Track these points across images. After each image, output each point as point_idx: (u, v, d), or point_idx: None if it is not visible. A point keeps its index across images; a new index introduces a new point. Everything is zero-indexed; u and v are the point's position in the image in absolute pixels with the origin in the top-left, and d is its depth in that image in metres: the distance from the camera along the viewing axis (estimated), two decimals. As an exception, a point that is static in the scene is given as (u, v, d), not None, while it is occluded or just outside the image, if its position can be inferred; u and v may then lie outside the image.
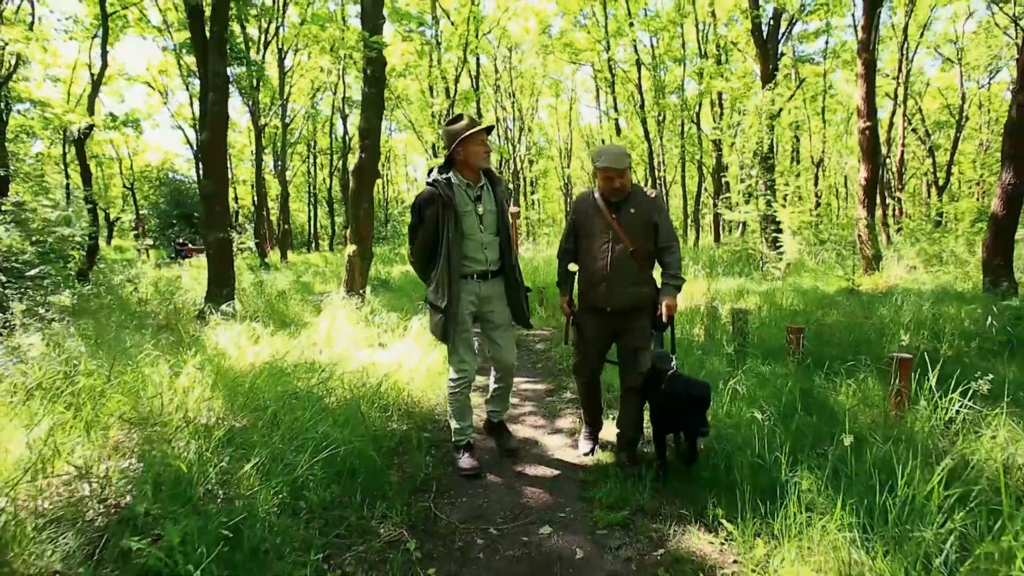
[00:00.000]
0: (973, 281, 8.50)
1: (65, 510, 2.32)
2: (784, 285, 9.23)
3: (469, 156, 3.13)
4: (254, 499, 2.40)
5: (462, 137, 3.07)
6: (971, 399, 2.83)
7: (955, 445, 2.62)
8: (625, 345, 3.16)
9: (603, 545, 2.45)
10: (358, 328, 5.66)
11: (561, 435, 3.82)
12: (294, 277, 13.01)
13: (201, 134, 8.05)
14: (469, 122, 3.15)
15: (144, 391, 3.39)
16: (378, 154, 6.68)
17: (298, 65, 22.62)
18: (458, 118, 3.22)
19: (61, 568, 2.06)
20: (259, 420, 3.19)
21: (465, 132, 3.08)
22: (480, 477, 3.14)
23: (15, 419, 2.93)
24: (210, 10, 7.89)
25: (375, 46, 6.03)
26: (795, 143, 31.17)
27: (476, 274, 3.20)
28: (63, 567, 2.06)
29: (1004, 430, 2.64)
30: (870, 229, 9.64)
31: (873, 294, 7.97)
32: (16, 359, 3.35)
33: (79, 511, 2.36)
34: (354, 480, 2.82)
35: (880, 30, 11.04)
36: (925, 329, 5.10)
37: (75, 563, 2.08)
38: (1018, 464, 2.37)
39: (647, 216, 3.07)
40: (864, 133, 9.52)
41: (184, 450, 2.74)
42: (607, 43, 20.74)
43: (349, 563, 2.26)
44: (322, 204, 36.05)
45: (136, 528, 2.20)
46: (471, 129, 3.09)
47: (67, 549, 2.12)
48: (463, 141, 3.08)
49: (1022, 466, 2.36)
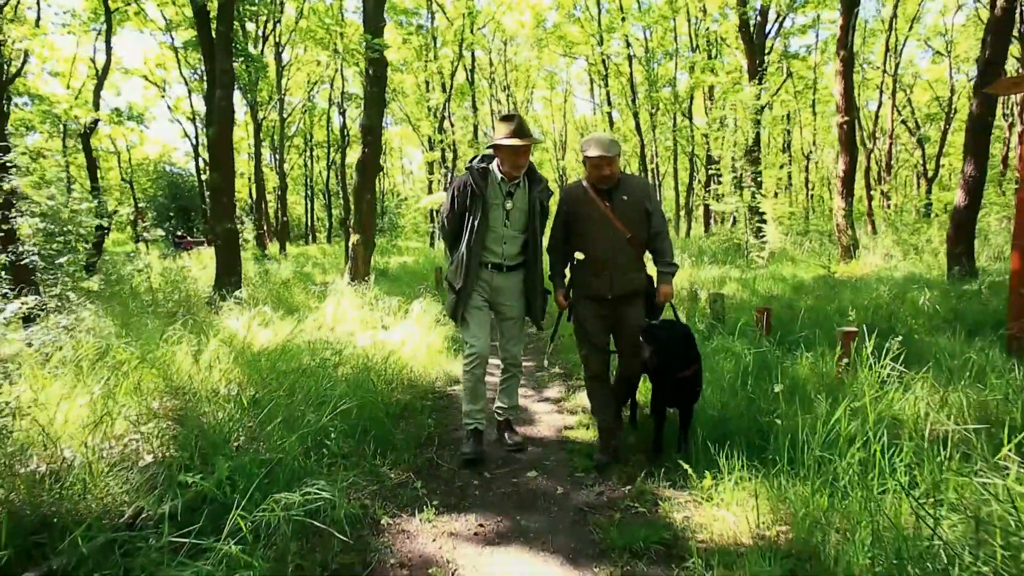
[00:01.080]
0: (943, 268, 8.98)
1: (124, 457, 2.74)
2: (765, 273, 9.69)
3: (502, 160, 3.19)
4: (283, 446, 2.82)
5: (499, 143, 3.12)
6: (903, 364, 3.28)
7: (882, 399, 3.08)
8: (625, 335, 3.17)
9: (580, 484, 2.91)
10: (363, 311, 6.08)
11: (548, 403, 4.27)
12: (296, 267, 13.39)
13: (208, 129, 8.44)
14: (514, 129, 3.12)
15: (173, 366, 3.80)
16: (380, 150, 7.10)
17: (295, 59, 22.87)
18: (508, 118, 3.21)
19: (128, 498, 2.49)
20: (279, 388, 3.62)
21: (503, 140, 3.10)
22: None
23: (77, 386, 3.35)
24: (216, 10, 8.25)
25: (377, 48, 6.44)
26: (786, 135, 31.67)
27: (491, 264, 3.26)
28: (129, 498, 2.49)
29: (925, 386, 3.11)
30: (847, 219, 10.10)
31: (848, 281, 8.42)
32: (70, 335, 3.76)
33: (135, 458, 2.78)
34: (366, 436, 3.26)
35: (856, 28, 11.45)
36: (883, 310, 5.56)
37: (139, 495, 2.50)
38: (924, 412, 2.82)
39: (640, 203, 3.13)
40: (842, 127, 9.96)
41: (216, 412, 3.17)
42: (600, 37, 21.10)
43: (367, 496, 2.70)
44: (319, 197, 36.35)
45: (186, 469, 2.62)
46: (509, 140, 3.09)
47: (132, 484, 2.54)
48: (501, 146, 3.13)
49: (927, 413, 2.81)
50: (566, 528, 2.50)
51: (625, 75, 20.80)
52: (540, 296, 3.38)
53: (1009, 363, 3.64)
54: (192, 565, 1.88)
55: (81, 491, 2.38)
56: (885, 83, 24.87)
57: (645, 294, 3.20)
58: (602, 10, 21.70)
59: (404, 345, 4.97)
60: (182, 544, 1.97)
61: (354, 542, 2.28)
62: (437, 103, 20.02)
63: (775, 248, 11.09)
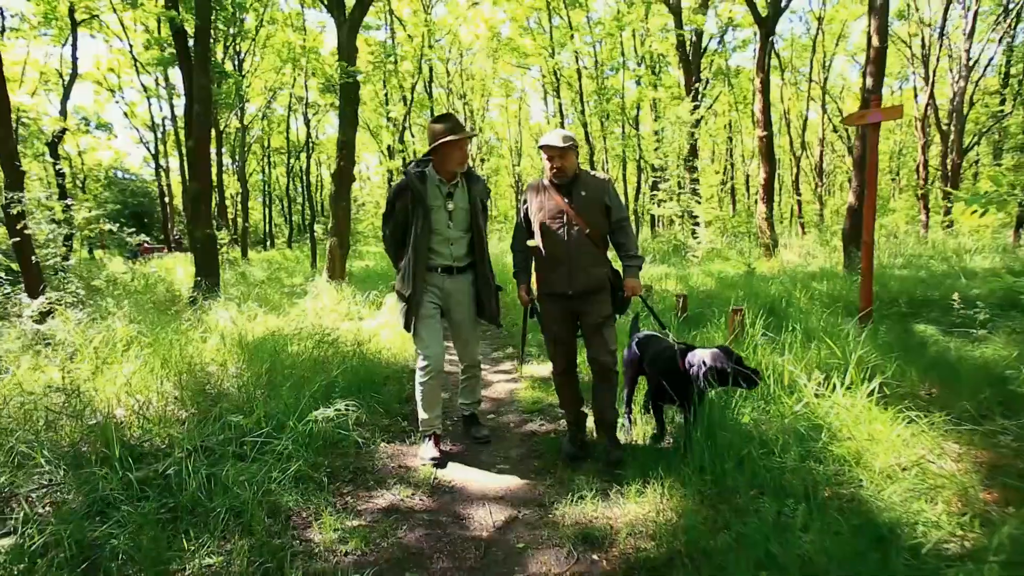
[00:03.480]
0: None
1: (162, 412, 3.51)
2: (699, 270, 10.91)
3: (445, 159, 3.21)
4: (298, 399, 3.66)
5: (440, 141, 3.15)
6: (780, 333, 4.35)
7: (752, 357, 4.13)
8: (589, 324, 3.15)
9: (526, 419, 3.87)
10: (341, 305, 6.90)
11: (503, 373, 5.22)
12: (268, 270, 13.97)
13: (187, 141, 9.03)
14: (450, 127, 3.17)
15: (189, 349, 4.56)
16: (354, 161, 7.93)
17: (254, 67, 23.21)
18: (442, 118, 3.26)
19: (176, 435, 3.26)
20: (281, 364, 4.43)
21: (443, 137, 3.13)
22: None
23: (114, 364, 4.09)
24: (194, 31, 8.89)
25: (351, 74, 7.28)
26: (729, 143, 33.66)
27: (441, 268, 3.28)
28: (179, 436, 3.28)
29: (794, 346, 4.19)
30: (768, 221, 11.43)
31: (765, 275, 9.69)
32: (96, 325, 4.48)
33: (171, 416, 3.54)
34: (361, 392, 4.12)
35: (772, 52, 12.80)
36: (782, 297, 6.73)
37: (195, 433, 3.30)
38: (787, 367, 3.86)
39: (599, 197, 3.11)
40: (762, 140, 11.30)
41: (235, 380, 3.98)
42: (552, 50, 22.28)
43: (367, 429, 3.58)
44: (276, 202, 36.41)
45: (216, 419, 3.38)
46: (449, 136, 3.13)
47: (188, 426, 3.33)
48: (441, 144, 3.15)
49: (794, 369, 3.86)
50: (515, 446, 3.46)
51: (575, 88, 22.02)
52: (493, 295, 3.43)
53: (859, 330, 4.79)
54: (259, 459, 2.74)
55: (154, 430, 3.18)
56: (813, 94, 27.00)
57: (611, 288, 3.18)
58: (553, 23, 22.92)
59: (381, 330, 5.83)
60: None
61: (365, 452, 3.18)
62: (397, 115, 20.77)
63: (708, 248, 12.36)
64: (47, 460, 2.61)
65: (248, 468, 2.71)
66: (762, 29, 11.16)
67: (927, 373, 3.66)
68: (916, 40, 22.44)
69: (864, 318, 5.19)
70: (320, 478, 2.84)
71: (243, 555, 2.17)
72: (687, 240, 13.19)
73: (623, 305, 3.24)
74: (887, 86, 32.82)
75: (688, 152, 13.60)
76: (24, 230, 5.34)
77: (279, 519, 2.47)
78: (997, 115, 20.75)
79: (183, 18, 8.78)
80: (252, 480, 2.58)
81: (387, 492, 2.86)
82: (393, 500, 2.78)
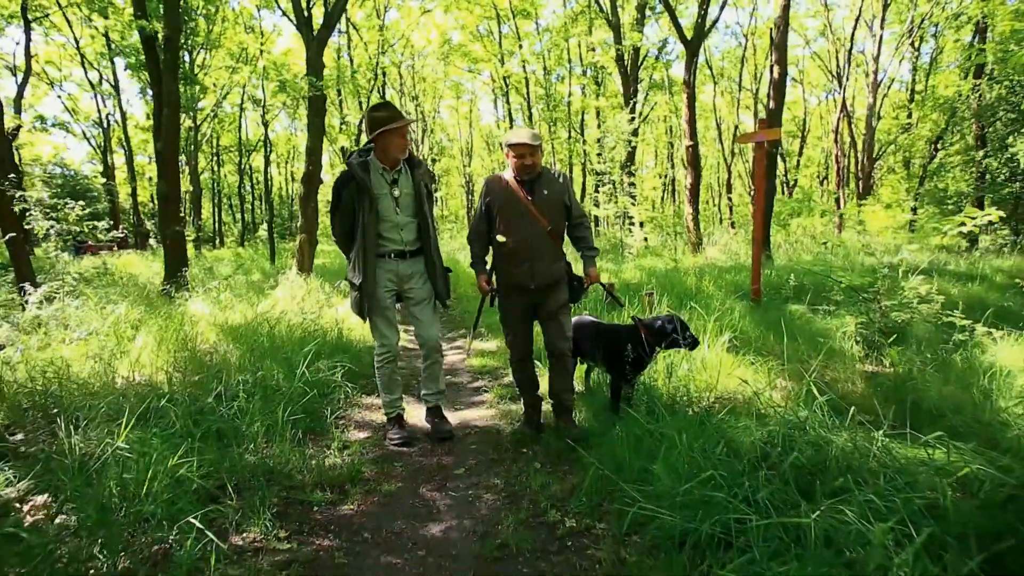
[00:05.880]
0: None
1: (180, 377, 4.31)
2: (632, 265, 12.15)
3: (387, 147, 3.25)
4: (293, 364, 4.51)
5: (381, 129, 3.20)
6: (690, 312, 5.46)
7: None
8: (547, 312, 3.31)
9: (476, 378, 4.85)
10: (312, 295, 7.68)
11: (456, 349, 6.17)
12: (232, 266, 14.42)
13: (157, 144, 9.56)
14: (389, 114, 3.24)
15: (179, 332, 5.29)
16: (320, 166, 8.71)
17: (204, 64, 23.25)
18: (381, 106, 3.32)
19: (196, 391, 4.07)
20: (272, 340, 5.25)
21: (383, 125, 3.19)
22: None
23: (121, 343, 4.81)
24: (163, 40, 9.43)
25: (318, 87, 8.05)
26: (670, 148, 35.51)
27: (393, 253, 3.35)
28: (199, 391, 4.08)
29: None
30: (695, 221, 12.78)
31: (688, 269, 10.98)
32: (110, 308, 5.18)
33: (187, 380, 4.34)
34: (342, 358, 4.99)
35: (697, 69, 14.14)
36: (696, 285, 7.95)
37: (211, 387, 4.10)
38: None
39: (560, 196, 3.25)
40: (688, 149, 12.63)
41: (228, 356, 4.78)
42: (501, 57, 23.32)
43: (356, 392, 4.46)
44: (224, 201, 36.08)
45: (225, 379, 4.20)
46: (390, 124, 3.19)
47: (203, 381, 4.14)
48: (382, 132, 3.20)
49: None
50: (468, 401, 4.43)
51: (523, 94, 23.12)
52: (441, 276, 3.51)
53: (752, 310, 5.99)
54: (273, 399, 3.61)
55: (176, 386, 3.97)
56: (748, 103, 29.12)
57: (568, 279, 3.39)
58: (503, 30, 23.99)
59: (350, 315, 6.67)
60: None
61: (351, 400, 4.09)
62: (353, 119, 21.37)
63: (643, 246, 13.65)
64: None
65: (267, 406, 3.57)
66: (688, 49, 12.49)
67: (779, 335, 4.83)
68: (834, 59, 24.72)
69: (754, 300, 6.42)
70: (322, 411, 3.74)
71: (277, 456, 3.06)
72: (625, 238, 14.46)
73: (577, 293, 3.43)
74: (815, 96, 35.59)
75: (626, 158, 14.85)
76: (25, 226, 5.92)
77: (298, 435, 3.35)
78: (905, 127, 23.04)
79: (153, 28, 9.29)
80: (273, 412, 3.43)
81: (370, 426, 3.77)
82: (376, 425, 3.71)
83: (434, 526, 2.54)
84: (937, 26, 21.10)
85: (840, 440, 2.38)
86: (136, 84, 21.52)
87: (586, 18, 19.59)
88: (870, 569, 1.57)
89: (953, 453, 2.12)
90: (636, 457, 2.61)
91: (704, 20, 12.47)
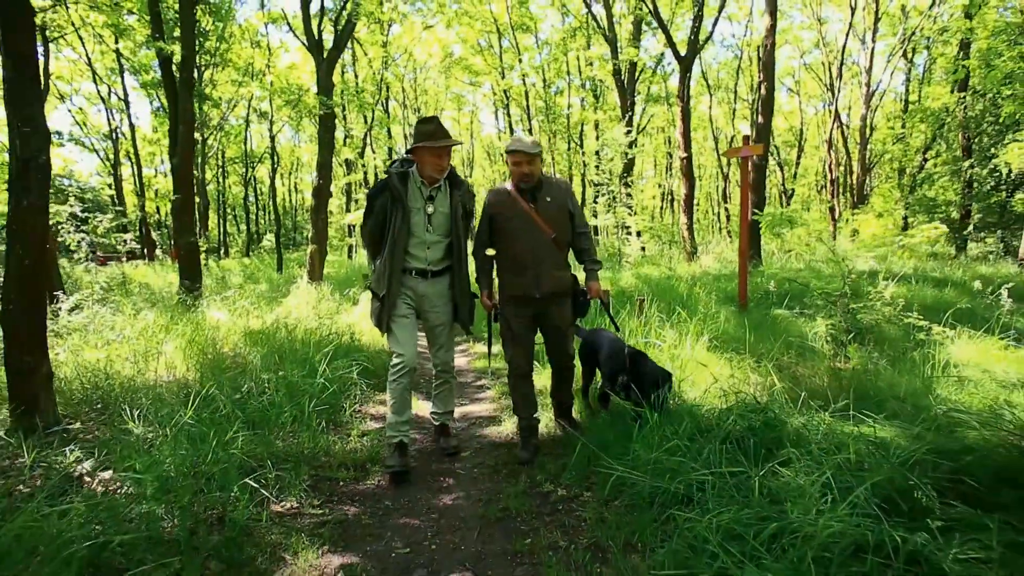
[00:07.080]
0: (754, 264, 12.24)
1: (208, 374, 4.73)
2: (629, 273, 12.57)
3: (423, 163, 3.16)
4: (312, 363, 4.92)
5: (418, 144, 3.11)
6: (682, 317, 5.87)
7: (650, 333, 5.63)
8: (551, 328, 3.29)
9: (479, 383, 5.25)
10: (323, 303, 8.10)
11: (460, 353, 6.58)
12: (241, 276, 14.89)
13: (173, 159, 10.02)
14: (432, 131, 3.12)
15: (203, 335, 5.71)
16: (331, 180, 9.16)
17: (210, 79, 23.81)
18: (428, 120, 3.20)
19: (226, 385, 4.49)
20: (292, 342, 5.67)
21: (423, 141, 3.10)
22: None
23: (151, 345, 5.23)
24: (180, 59, 9.92)
25: (328, 106, 8.52)
26: (668, 158, 36.02)
27: (415, 271, 3.22)
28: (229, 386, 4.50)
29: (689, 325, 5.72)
30: (690, 231, 13.22)
31: (681, 277, 11.39)
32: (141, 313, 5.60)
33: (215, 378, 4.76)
34: (357, 362, 5.40)
35: (691, 83, 14.62)
36: (688, 292, 8.35)
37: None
38: (674, 340, 5.37)
39: (563, 204, 3.22)
40: (683, 161, 13.09)
41: (250, 358, 5.20)
42: (502, 70, 23.88)
43: (370, 388, 4.87)
44: (229, 212, 36.61)
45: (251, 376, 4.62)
46: (427, 141, 3.10)
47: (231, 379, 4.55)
48: (420, 147, 3.11)
49: (668, 333, 5.37)
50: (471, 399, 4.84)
51: (523, 106, 23.65)
52: (467, 300, 3.39)
53: (737, 314, 6.39)
54: (300, 392, 4.03)
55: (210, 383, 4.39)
56: (745, 113, 29.66)
57: (572, 293, 3.31)
58: (503, 44, 24.58)
59: (361, 320, 7.10)
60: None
61: (366, 396, 4.51)
62: (357, 132, 21.90)
63: (640, 255, 14.08)
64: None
65: (292, 400, 3.98)
66: (681, 65, 12.98)
67: (759, 337, 5.24)
68: (827, 71, 25.26)
69: (742, 306, 6.83)
70: (341, 404, 4.15)
71: (305, 442, 3.47)
72: (622, 247, 14.90)
73: (583, 308, 3.37)
74: (812, 107, 36.15)
75: (623, 169, 15.32)
76: (57, 238, 6.37)
77: (321, 425, 3.76)
78: (897, 137, 23.52)
79: (170, 49, 9.78)
80: (299, 404, 3.85)
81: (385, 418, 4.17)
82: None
83: (445, 496, 2.96)
84: (930, 39, 21.64)
85: (794, 421, 2.81)
86: (145, 98, 22.15)
87: (584, 33, 20.16)
88: (793, 511, 1.98)
89: (880, 428, 2.54)
90: (619, 438, 3.02)
91: (697, 36, 12.97)
